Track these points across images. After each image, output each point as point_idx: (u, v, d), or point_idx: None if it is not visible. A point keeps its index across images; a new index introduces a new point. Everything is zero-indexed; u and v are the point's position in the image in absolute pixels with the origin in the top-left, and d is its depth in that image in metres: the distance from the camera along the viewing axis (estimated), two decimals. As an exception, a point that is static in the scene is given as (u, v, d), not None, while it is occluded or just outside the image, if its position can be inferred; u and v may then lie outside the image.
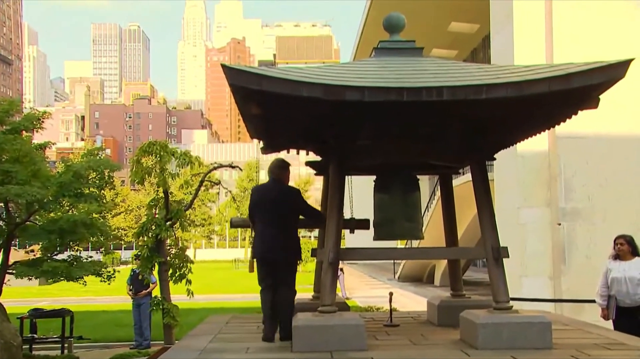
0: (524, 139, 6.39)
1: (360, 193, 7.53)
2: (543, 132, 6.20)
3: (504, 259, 5.62)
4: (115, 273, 11.95)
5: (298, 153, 6.50)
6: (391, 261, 32.77)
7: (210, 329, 6.55)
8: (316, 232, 6.93)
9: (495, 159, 6.18)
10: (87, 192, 11.73)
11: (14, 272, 11.15)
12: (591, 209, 13.52)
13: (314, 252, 6.10)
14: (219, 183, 9.75)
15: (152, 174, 7.74)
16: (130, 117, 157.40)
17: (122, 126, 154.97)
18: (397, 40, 6.13)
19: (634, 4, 13.95)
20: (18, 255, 12.80)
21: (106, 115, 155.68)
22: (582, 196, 13.57)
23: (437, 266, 27.90)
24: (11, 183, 10.14)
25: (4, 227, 11.58)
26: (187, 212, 8.87)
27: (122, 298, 17.18)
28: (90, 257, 11.97)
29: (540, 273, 13.54)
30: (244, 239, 63.62)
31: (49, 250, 11.55)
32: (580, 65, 5.06)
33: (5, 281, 11.29)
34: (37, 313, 13.36)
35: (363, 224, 6.45)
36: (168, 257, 8.00)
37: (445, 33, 28.15)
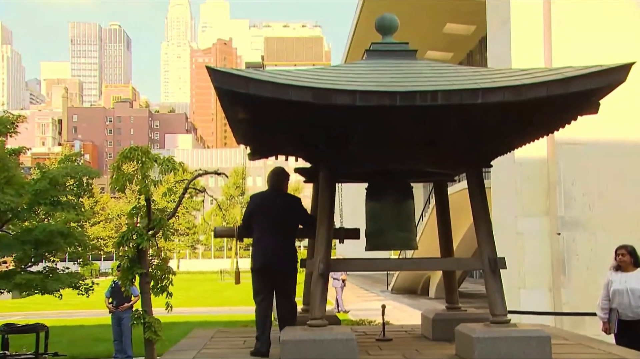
0: (521, 145, 6.30)
1: (351, 201, 7.36)
2: (541, 138, 6.11)
3: (502, 271, 5.51)
4: (93, 285, 11.68)
5: (287, 159, 6.39)
6: (384, 272, 32.54)
7: (194, 344, 6.41)
8: (305, 241, 6.73)
9: (492, 166, 6.08)
10: (64, 200, 11.47)
11: (-16, 285, 10.88)
12: (592, 218, 13.31)
13: (303, 263, 5.95)
14: (204, 190, 9.54)
15: (134, 181, 7.53)
16: (110, 121, 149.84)
17: (102, 130, 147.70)
18: (390, 42, 6.05)
19: (634, 4, 13.80)
20: (-11, 267, 12.50)
21: (85, 119, 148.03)
22: (582, 204, 13.37)
23: (432, 277, 27.63)
24: (-18, 191, 9.95)
25: (-25, 238, 11.30)
26: (171, 221, 8.65)
27: (101, 312, 16.63)
28: (67, 268, 11.76)
29: (539, 284, 13.31)
30: (230, 249, 63.19)
31: (22, 261, 11.26)
32: (579, 69, 5.01)
33: (-25, 294, 11.03)
34: (9, 328, 12.60)
35: (353, 233, 6.34)
36: (150, 269, 7.81)
37: (440, 35, 27.88)
